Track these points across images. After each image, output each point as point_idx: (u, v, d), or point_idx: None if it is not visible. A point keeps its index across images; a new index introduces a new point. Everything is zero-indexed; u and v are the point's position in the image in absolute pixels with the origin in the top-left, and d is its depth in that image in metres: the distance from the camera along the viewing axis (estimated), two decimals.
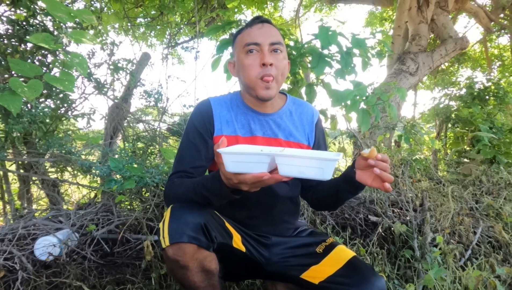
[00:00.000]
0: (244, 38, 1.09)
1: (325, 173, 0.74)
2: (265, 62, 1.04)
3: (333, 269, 1.01)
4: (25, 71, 1.62)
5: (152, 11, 4.85)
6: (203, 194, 0.94)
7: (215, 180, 0.90)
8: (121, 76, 2.75)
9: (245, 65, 1.07)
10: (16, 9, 2.19)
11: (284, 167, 0.76)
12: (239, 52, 1.10)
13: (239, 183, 0.82)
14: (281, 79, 1.10)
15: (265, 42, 1.06)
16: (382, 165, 0.88)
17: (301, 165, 0.74)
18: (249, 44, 1.07)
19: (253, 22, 1.10)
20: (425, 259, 1.60)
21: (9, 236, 1.59)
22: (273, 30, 1.10)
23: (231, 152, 0.78)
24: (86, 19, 1.90)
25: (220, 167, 0.84)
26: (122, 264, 1.68)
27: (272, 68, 1.05)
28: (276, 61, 1.07)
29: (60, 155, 2.16)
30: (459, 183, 2.95)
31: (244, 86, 1.14)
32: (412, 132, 3.48)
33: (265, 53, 1.05)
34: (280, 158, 0.76)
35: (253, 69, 1.06)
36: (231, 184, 0.85)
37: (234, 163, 0.77)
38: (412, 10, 5.00)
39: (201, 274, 0.91)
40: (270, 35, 1.07)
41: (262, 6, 5.79)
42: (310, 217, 1.99)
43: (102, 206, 1.99)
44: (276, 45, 1.07)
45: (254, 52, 1.07)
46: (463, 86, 4.73)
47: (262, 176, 0.78)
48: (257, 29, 1.08)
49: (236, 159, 0.77)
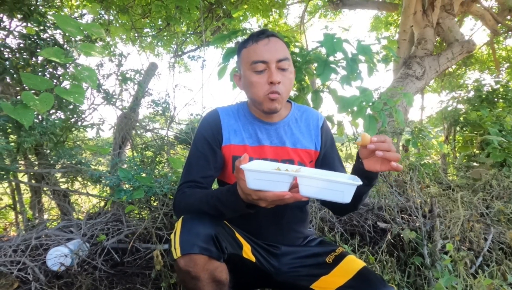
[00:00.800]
0: (250, 54, 1.08)
1: (345, 196, 0.76)
2: (273, 80, 1.05)
3: (343, 280, 1.01)
4: (36, 84, 1.66)
5: (158, 21, 4.93)
6: (216, 207, 0.96)
7: (230, 194, 0.92)
8: (129, 86, 2.80)
9: (253, 83, 1.08)
10: (27, 23, 2.25)
11: (306, 187, 0.77)
12: (246, 69, 1.10)
13: (258, 199, 0.83)
14: (287, 94, 1.12)
15: (272, 60, 1.06)
16: (383, 146, 0.87)
17: (323, 188, 0.76)
18: (256, 62, 1.06)
19: (258, 37, 1.09)
20: (436, 266, 1.58)
21: (22, 247, 1.62)
22: (279, 45, 1.09)
23: (254, 169, 0.78)
24: (95, 32, 1.94)
25: (239, 182, 0.85)
26: (132, 273, 1.70)
27: (279, 86, 1.06)
28: (283, 78, 1.07)
29: (70, 165, 2.19)
30: (468, 187, 2.91)
31: (251, 100, 1.16)
32: (420, 136, 3.46)
33: (272, 72, 1.05)
34: (302, 179, 0.77)
35: (260, 87, 1.07)
36: (248, 200, 0.86)
37: (256, 180, 0.78)
38: (417, 14, 4.99)
39: (212, 285, 0.92)
40: (277, 51, 1.07)
41: (267, 13, 5.83)
42: (318, 225, 1.99)
43: (112, 216, 2.01)
44: (283, 61, 1.07)
45: (261, 70, 1.07)
46: (471, 89, 4.69)
47: (283, 195, 0.79)
48: (263, 45, 1.07)
49: (258, 176, 0.78)
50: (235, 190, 0.90)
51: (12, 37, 2.20)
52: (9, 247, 1.60)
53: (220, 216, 0.98)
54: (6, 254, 1.55)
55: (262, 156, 1.14)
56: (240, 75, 1.17)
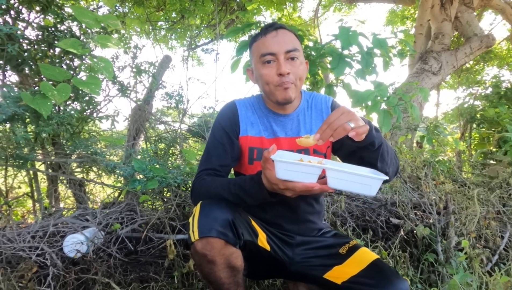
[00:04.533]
0: (259, 47, 1.09)
1: (372, 189, 0.79)
2: (281, 72, 1.05)
3: (356, 270, 1.01)
4: (54, 75, 1.70)
5: (173, 14, 4.94)
6: (238, 194, 0.98)
7: (253, 182, 0.94)
8: (144, 78, 2.82)
9: (262, 75, 1.09)
10: (45, 15, 2.28)
11: (334, 180, 0.79)
12: (256, 62, 1.11)
13: (285, 189, 0.85)
14: (300, 83, 1.11)
15: (281, 51, 1.06)
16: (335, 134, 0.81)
17: (351, 181, 0.78)
18: (264, 54, 1.07)
19: (267, 30, 1.10)
20: (450, 263, 1.56)
21: (40, 233, 1.67)
22: (287, 36, 1.09)
23: (285, 161, 0.80)
24: (111, 24, 1.97)
25: (266, 172, 0.87)
26: (145, 262, 1.73)
27: (289, 76, 1.06)
28: (292, 68, 1.07)
29: (86, 155, 2.23)
30: (485, 185, 2.85)
31: (263, 93, 1.17)
32: (435, 132, 3.40)
33: (281, 63, 1.06)
34: (331, 172, 0.79)
35: (270, 79, 1.08)
36: (274, 189, 0.88)
37: (286, 171, 0.81)
38: (435, 8, 4.88)
39: (227, 270, 0.93)
40: (285, 43, 1.07)
41: (281, 7, 5.78)
42: (331, 219, 1.98)
43: (126, 206, 2.04)
44: (292, 52, 1.07)
45: (271, 62, 1.07)
46: (489, 85, 4.58)
47: (313, 186, 0.82)
48: (271, 37, 1.08)
49: (289, 168, 0.80)
50: (259, 179, 0.92)
51: (31, 29, 2.24)
52: (27, 233, 1.64)
53: (241, 203, 1.00)
54: (25, 240, 1.60)
55: (278, 148, 1.15)
56: (252, 69, 1.19)
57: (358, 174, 0.79)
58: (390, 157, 1.03)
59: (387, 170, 1.02)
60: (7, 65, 2.03)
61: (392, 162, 1.04)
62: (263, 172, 0.91)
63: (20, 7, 2.19)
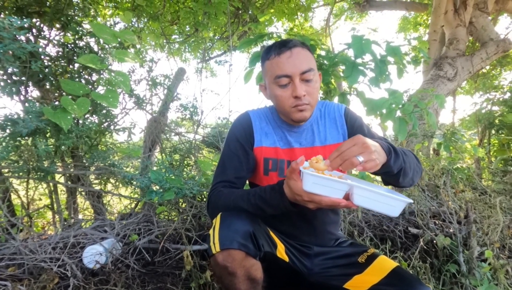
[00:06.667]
0: (274, 68, 1.07)
1: (396, 210, 0.81)
2: (297, 95, 1.05)
3: (378, 278, 1.00)
4: (74, 90, 1.75)
5: (186, 27, 5.05)
6: (258, 205, 0.98)
7: (274, 192, 0.94)
8: (159, 90, 2.88)
9: (278, 97, 1.08)
10: (65, 32, 2.37)
11: (360, 198, 0.80)
12: (270, 82, 1.10)
13: (309, 201, 0.85)
14: (315, 102, 1.12)
15: (296, 73, 1.05)
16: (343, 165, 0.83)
17: (376, 200, 0.80)
18: (279, 76, 1.06)
19: (280, 49, 1.07)
20: (473, 274, 1.52)
21: (60, 245, 1.70)
22: (302, 56, 1.07)
23: (316, 175, 0.81)
24: (128, 39, 2.02)
25: (290, 182, 0.87)
26: (163, 273, 1.74)
27: (305, 98, 1.06)
28: (308, 89, 1.07)
29: (104, 167, 2.28)
30: (506, 193, 2.77)
31: (278, 110, 1.17)
32: (452, 139, 3.33)
33: (296, 86, 1.05)
34: (358, 189, 0.80)
35: (286, 101, 1.08)
36: (296, 200, 0.88)
37: (314, 184, 0.81)
38: (448, 14, 4.83)
39: (247, 282, 0.93)
40: (300, 64, 1.05)
41: (293, 17, 5.83)
42: (348, 229, 1.96)
43: (143, 217, 2.07)
44: (307, 73, 1.06)
45: (286, 84, 1.06)
46: (507, 90, 4.49)
47: (339, 202, 0.82)
48: (286, 58, 1.06)
49: (318, 181, 0.81)
50: (280, 188, 0.92)
51: (51, 46, 2.33)
52: (48, 245, 1.68)
53: (260, 214, 1.00)
54: (46, 251, 1.63)
55: (293, 158, 1.15)
56: (265, 85, 1.18)
57: (385, 194, 0.79)
58: (412, 170, 1.01)
59: (410, 183, 1.01)
60: (29, 81, 2.11)
61: (415, 173, 1.03)
62: (286, 182, 0.90)
63: (41, 25, 2.28)
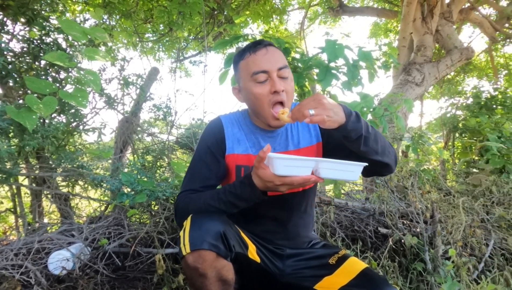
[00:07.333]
0: (250, 66, 1.07)
1: (355, 175, 0.93)
2: (276, 89, 1.04)
3: (346, 280, 1.02)
4: (40, 88, 1.67)
5: (160, 26, 4.96)
6: (230, 201, 0.99)
7: (245, 185, 0.97)
8: (131, 90, 2.81)
9: (256, 94, 1.07)
10: (31, 28, 2.26)
11: (325, 170, 0.91)
12: (246, 81, 1.09)
13: (281, 184, 0.90)
14: (291, 102, 1.12)
15: (273, 69, 1.05)
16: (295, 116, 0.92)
17: (338, 170, 0.92)
18: (257, 72, 1.05)
19: (256, 47, 1.08)
20: (438, 272, 1.58)
21: (24, 251, 1.61)
22: (277, 54, 1.08)
23: (284, 157, 0.89)
24: (99, 37, 1.96)
25: (259, 171, 0.91)
26: (133, 278, 1.69)
27: (283, 94, 1.06)
28: (286, 86, 1.07)
29: (72, 169, 2.19)
30: (468, 193, 2.91)
31: (253, 112, 1.15)
32: (420, 142, 3.47)
33: (275, 81, 1.05)
34: (323, 163, 0.91)
35: (264, 98, 1.06)
36: (267, 187, 0.92)
37: (286, 167, 0.88)
38: (416, 21, 5.04)
39: (218, 284, 0.92)
40: (276, 60, 1.06)
41: (268, 19, 5.87)
42: (320, 229, 1.99)
43: (113, 220, 2.00)
44: (283, 69, 1.07)
45: (263, 80, 1.06)
46: (469, 96, 4.72)
47: (309, 178, 0.89)
48: (262, 55, 1.06)
49: (289, 163, 0.89)
50: (250, 181, 0.95)
51: (16, 41, 2.21)
52: (10, 251, 1.59)
53: (233, 210, 1.01)
54: (8, 258, 1.54)
55: None
56: (239, 88, 1.16)
57: (344, 162, 0.92)
58: (380, 146, 1.01)
59: (376, 156, 1.01)
60: None
61: (384, 150, 1.03)
62: (255, 172, 0.93)
63: (4, 19, 2.17)
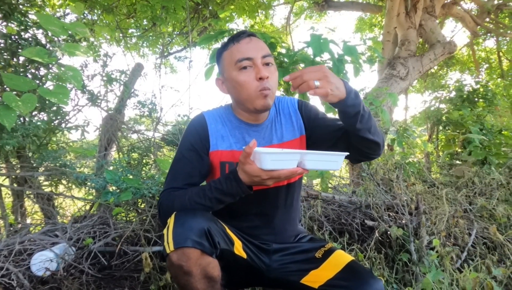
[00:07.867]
0: (234, 54, 1.06)
1: (338, 164, 0.96)
2: (262, 76, 1.03)
3: (332, 273, 1.02)
4: (19, 85, 1.62)
5: (144, 21, 4.87)
6: (216, 197, 0.99)
7: (230, 181, 0.96)
8: (115, 87, 2.76)
9: (241, 82, 1.05)
10: (7, 22, 2.18)
11: (310, 162, 0.92)
12: (231, 70, 1.08)
13: (268, 178, 0.91)
14: (276, 89, 1.11)
15: (258, 56, 1.05)
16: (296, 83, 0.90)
17: (322, 160, 0.94)
18: (241, 60, 1.04)
19: (239, 37, 1.08)
20: (423, 262, 1.61)
21: (5, 252, 1.57)
22: (260, 43, 1.09)
23: (271, 151, 0.91)
24: (79, 32, 1.90)
25: (245, 167, 0.91)
26: (120, 277, 1.67)
27: (268, 81, 1.05)
28: (270, 74, 1.06)
29: (54, 168, 2.14)
30: (452, 185, 2.98)
31: (238, 102, 1.13)
32: (405, 135, 3.53)
33: (260, 67, 1.04)
34: (307, 155, 0.92)
35: (250, 85, 1.05)
36: (254, 181, 0.92)
37: (273, 161, 0.89)
38: (400, 16, 5.09)
39: (204, 281, 0.91)
40: (261, 48, 1.07)
41: (253, 14, 5.84)
42: (308, 223, 2.00)
43: (98, 219, 1.97)
44: (268, 57, 1.07)
45: (248, 68, 1.05)
46: (452, 89, 4.82)
47: (296, 170, 0.90)
48: (245, 43, 1.06)
49: (275, 157, 0.89)
50: (235, 176, 0.95)
51: None
52: None
53: (219, 206, 1.01)
54: None
55: None
56: (223, 79, 1.15)
57: (327, 153, 0.94)
58: (373, 126, 1.01)
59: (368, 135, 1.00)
60: None
61: (376, 131, 1.02)
62: (241, 168, 0.92)
63: None
